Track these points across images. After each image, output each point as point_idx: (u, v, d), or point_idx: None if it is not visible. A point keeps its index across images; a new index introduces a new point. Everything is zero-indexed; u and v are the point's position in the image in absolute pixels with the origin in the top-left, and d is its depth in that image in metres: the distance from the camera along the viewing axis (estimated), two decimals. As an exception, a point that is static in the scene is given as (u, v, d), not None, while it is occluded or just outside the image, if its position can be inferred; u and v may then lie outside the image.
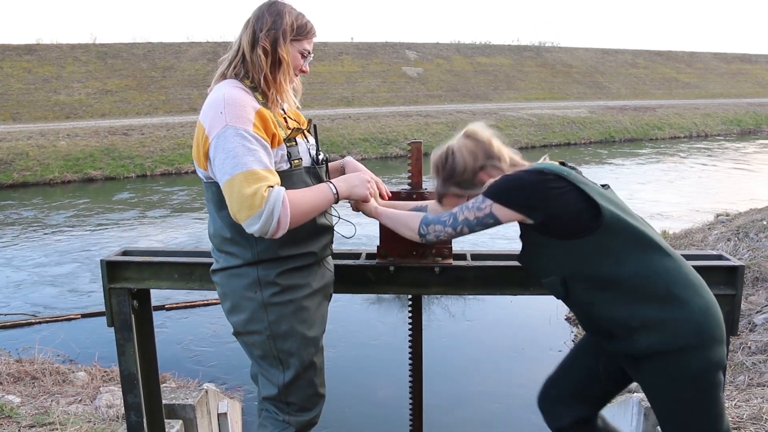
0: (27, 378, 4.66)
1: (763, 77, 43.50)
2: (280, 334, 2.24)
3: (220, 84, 2.26)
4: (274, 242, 2.18)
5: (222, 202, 2.16)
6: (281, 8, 2.26)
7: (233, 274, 2.25)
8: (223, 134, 2.09)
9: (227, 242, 2.25)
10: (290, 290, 2.24)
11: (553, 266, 2.11)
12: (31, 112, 23.61)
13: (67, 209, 13.89)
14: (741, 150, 23.79)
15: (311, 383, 2.34)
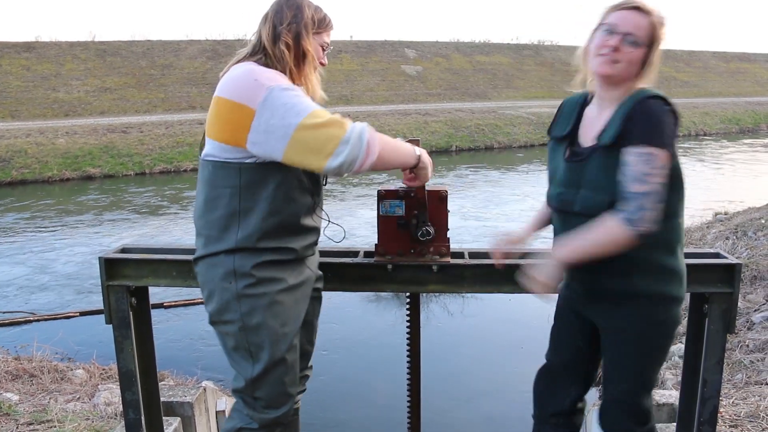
0: (25, 376, 4.66)
1: (762, 76, 43.51)
2: (251, 327, 2.23)
3: (243, 64, 2.22)
4: (254, 232, 2.17)
5: (227, 187, 2.16)
6: (300, 2, 2.26)
7: (211, 263, 2.24)
8: (269, 96, 2.06)
9: (209, 228, 2.22)
10: (265, 283, 2.21)
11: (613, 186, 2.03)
12: (30, 109, 23.59)
13: (66, 207, 13.89)
14: (740, 149, 23.81)
15: (280, 381, 2.32)
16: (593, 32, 2.13)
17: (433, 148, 22.36)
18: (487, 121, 24.76)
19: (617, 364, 2.25)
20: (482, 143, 23.43)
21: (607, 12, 2.10)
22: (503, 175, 18.01)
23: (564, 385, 2.49)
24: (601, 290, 2.19)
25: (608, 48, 2.04)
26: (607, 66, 2.05)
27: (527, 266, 2.13)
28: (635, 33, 2.03)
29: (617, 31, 2.04)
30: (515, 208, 13.09)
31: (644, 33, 2.03)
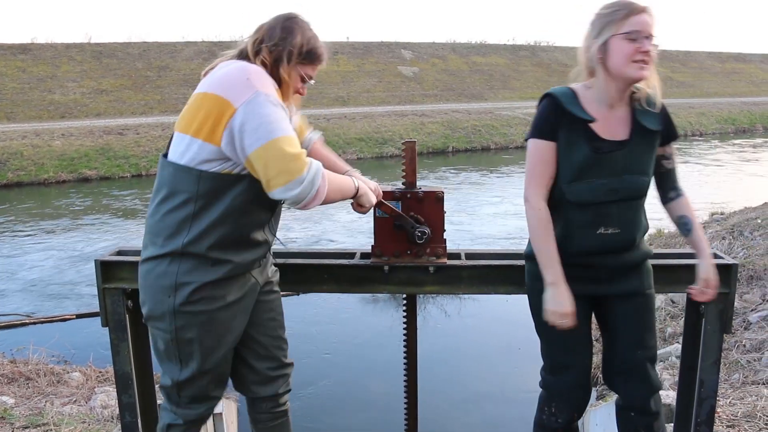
0: (21, 379, 4.65)
1: (757, 76, 43.60)
2: (184, 340, 2.23)
3: (232, 61, 2.22)
4: (202, 239, 2.15)
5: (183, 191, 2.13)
6: (295, 26, 2.22)
7: (154, 271, 2.21)
8: (255, 100, 2.04)
9: (161, 229, 2.19)
10: (203, 301, 2.20)
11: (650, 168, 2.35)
12: (26, 111, 23.55)
13: (62, 209, 13.86)
14: (736, 149, 23.86)
15: (205, 387, 2.35)
16: (605, 39, 2.20)
17: (430, 149, 22.37)
18: (483, 122, 24.78)
19: (647, 322, 2.45)
20: (479, 144, 23.44)
21: (620, 18, 2.18)
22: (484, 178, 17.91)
23: (590, 381, 2.56)
24: (632, 260, 2.39)
25: (643, 55, 2.17)
26: (645, 71, 2.19)
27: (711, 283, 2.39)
28: (653, 32, 2.19)
29: (643, 36, 2.17)
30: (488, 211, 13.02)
31: (654, 28, 2.20)
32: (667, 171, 2.42)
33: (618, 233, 2.31)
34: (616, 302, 2.42)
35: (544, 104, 2.34)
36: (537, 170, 2.32)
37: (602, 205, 2.28)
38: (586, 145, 2.26)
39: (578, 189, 2.28)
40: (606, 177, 2.26)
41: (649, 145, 2.31)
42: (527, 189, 2.34)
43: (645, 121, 2.29)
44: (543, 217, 2.31)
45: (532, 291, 2.51)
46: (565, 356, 2.50)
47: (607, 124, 2.29)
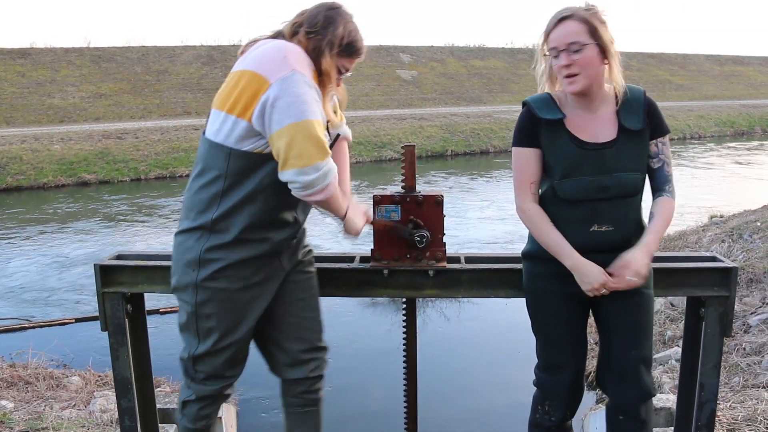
0: (20, 383, 4.64)
1: (755, 79, 43.64)
2: (203, 315, 2.28)
3: (271, 39, 2.21)
4: (230, 216, 2.18)
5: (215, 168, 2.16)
6: (337, 16, 2.21)
7: (183, 244, 2.26)
8: (291, 77, 2.05)
9: (194, 204, 2.23)
10: (225, 279, 2.23)
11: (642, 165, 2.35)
12: (25, 115, 23.55)
13: (61, 213, 13.85)
14: (735, 151, 23.87)
15: (219, 364, 2.39)
16: (543, 58, 2.32)
17: (429, 152, 22.37)
18: (482, 126, 24.78)
19: (642, 323, 2.44)
20: (478, 147, 23.45)
21: (544, 39, 2.27)
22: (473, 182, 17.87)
23: (583, 383, 2.60)
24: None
25: (564, 69, 2.21)
26: (574, 85, 2.23)
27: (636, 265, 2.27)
28: (574, 40, 2.17)
29: (560, 50, 2.20)
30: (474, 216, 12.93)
31: (583, 33, 2.18)
32: (653, 170, 2.38)
33: (612, 231, 2.32)
34: (611, 301, 2.42)
35: (521, 113, 2.42)
36: (521, 177, 2.38)
37: (594, 202, 2.30)
38: (570, 143, 2.30)
39: (568, 186, 2.31)
40: (595, 174, 2.29)
41: (636, 143, 2.31)
42: (516, 196, 2.41)
43: (627, 122, 2.30)
44: (536, 214, 2.37)
45: (528, 290, 2.55)
46: (560, 356, 2.53)
47: (588, 128, 2.32)
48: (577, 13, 2.21)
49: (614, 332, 2.47)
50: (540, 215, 2.36)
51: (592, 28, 2.19)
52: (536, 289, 2.51)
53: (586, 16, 2.20)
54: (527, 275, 2.54)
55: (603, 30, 2.21)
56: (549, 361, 2.58)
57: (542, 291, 2.50)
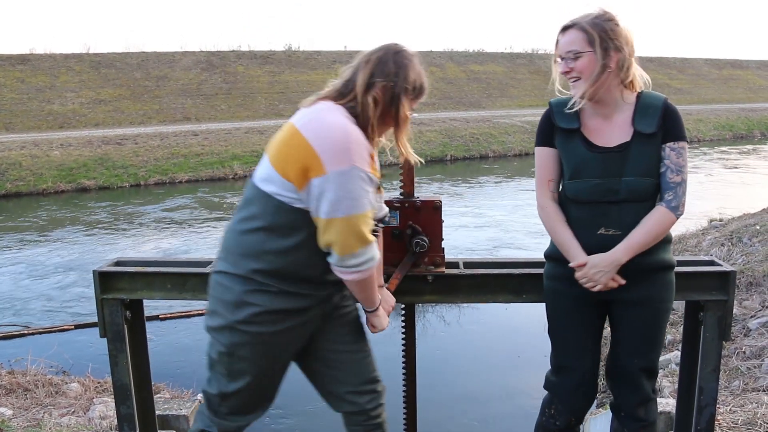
0: (19, 390, 4.63)
1: (754, 82, 43.70)
2: (237, 356, 2.23)
3: (336, 110, 2.17)
4: (270, 270, 2.15)
5: (261, 217, 2.14)
6: (407, 62, 2.21)
7: (222, 284, 2.23)
8: (349, 173, 2.05)
9: (234, 247, 2.21)
10: (263, 324, 2.19)
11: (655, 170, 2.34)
12: (25, 121, 23.56)
13: (60, 219, 13.85)
14: (734, 155, 23.89)
15: (247, 403, 2.35)
16: (554, 64, 2.40)
17: (428, 157, 22.37)
18: (481, 130, 24.80)
19: (650, 335, 2.45)
20: (477, 152, 23.46)
21: (556, 45, 2.36)
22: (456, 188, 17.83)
23: (595, 386, 2.59)
24: (641, 266, 2.36)
25: (566, 75, 2.33)
26: (576, 89, 2.32)
27: (590, 270, 2.32)
28: (571, 48, 2.27)
29: (562, 57, 2.32)
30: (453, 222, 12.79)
31: (579, 42, 2.27)
32: (660, 174, 2.36)
33: (619, 235, 2.33)
34: (622, 308, 2.46)
35: (543, 114, 2.48)
36: (539, 174, 2.45)
37: (601, 204, 2.33)
38: (581, 145, 2.35)
39: (575, 186, 2.35)
40: (604, 177, 2.32)
41: (649, 148, 2.32)
42: (536, 194, 2.47)
43: (641, 125, 2.33)
44: (552, 211, 2.42)
45: (545, 291, 2.58)
46: (568, 358, 2.56)
47: (603, 132, 2.36)
48: (580, 22, 2.29)
49: (622, 340, 2.50)
50: (555, 212, 2.42)
51: (590, 38, 2.25)
52: (551, 291, 2.55)
53: (586, 25, 2.27)
54: (545, 277, 2.58)
55: (606, 38, 2.26)
56: (557, 362, 2.60)
57: (556, 293, 2.53)
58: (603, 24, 2.28)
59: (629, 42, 2.32)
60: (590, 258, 2.32)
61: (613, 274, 2.32)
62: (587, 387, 2.55)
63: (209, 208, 14.81)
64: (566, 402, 2.57)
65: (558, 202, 2.45)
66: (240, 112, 26.55)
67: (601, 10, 2.32)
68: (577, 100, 2.34)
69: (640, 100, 2.37)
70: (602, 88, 2.30)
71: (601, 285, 2.32)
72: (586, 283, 2.34)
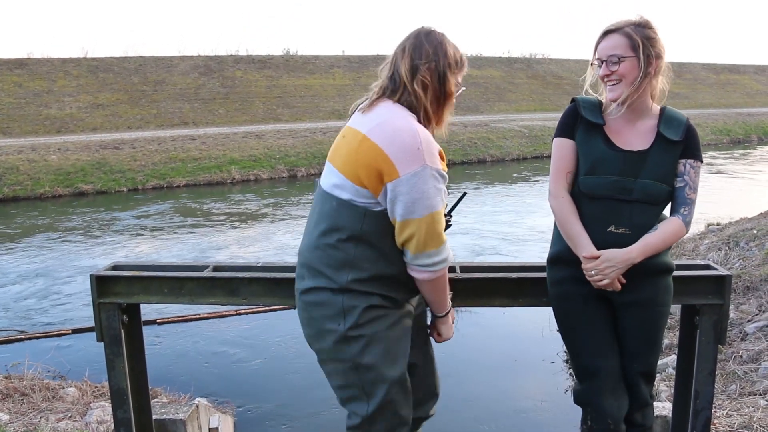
0: (16, 395, 4.63)
1: (751, 87, 43.80)
2: (363, 366, 2.20)
3: (398, 110, 2.17)
4: (366, 278, 2.16)
5: (348, 227, 2.14)
6: (441, 38, 2.23)
7: (317, 301, 2.21)
8: (422, 174, 2.06)
9: (321, 262, 2.20)
10: (372, 323, 2.19)
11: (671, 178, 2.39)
12: (22, 126, 23.55)
13: (58, 224, 13.84)
14: (731, 159, 23.94)
15: (396, 413, 2.29)
16: (591, 67, 2.44)
17: (426, 161, 22.37)
18: (479, 135, 24.82)
19: (649, 338, 2.48)
20: (475, 157, 23.49)
21: (595, 47, 2.40)
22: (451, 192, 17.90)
23: (623, 385, 2.55)
24: (645, 268, 2.38)
25: (605, 77, 2.36)
26: (613, 92, 2.36)
27: (602, 264, 2.33)
28: (614, 53, 2.31)
29: (602, 60, 2.35)
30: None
31: (623, 47, 2.31)
32: (675, 189, 2.41)
33: (628, 235, 2.36)
34: (622, 310, 2.48)
35: (567, 108, 2.51)
36: (557, 164, 2.47)
37: (614, 201, 2.36)
38: (603, 143, 2.39)
39: (590, 181, 2.38)
40: (620, 175, 2.35)
41: (669, 156, 2.38)
42: (551, 183, 2.49)
43: (667, 132, 2.39)
44: (567, 202, 2.44)
45: (552, 297, 2.59)
46: (590, 359, 2.52)
47: (626, 135, 2.41)
48: (623, 27, 2.34)
49: (622, 342, 2.51)
50: (569, 204, 2.44)
51: (634, 43, 2.31)
52: (560, 296, 2.55)
53: (630, 31, 2.33)
54: (550, 283, 2.59)
55: (647, 45, 2.33)
56: (580, 368, 2.57)
57: (566, 296, 2.53)
58: (645, 31, 2.34)
59: (664, 51, 2.41)
60: (604, 252, 2.34)
61: (622, 272, 2.34)
62: (617, 385, 2.50)
63: (188, 215, 14.81)
64: (601, 406, 2.50)
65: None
66: (238, 117, 26.56)
67: (641, 17, 2.37)
68: (614, 105, 2.38)
69: (665, 113, 2.46)
70: (638, 94, 2.37)
71: (609, 280, 2.33)
72: (594, 276, 2.35)
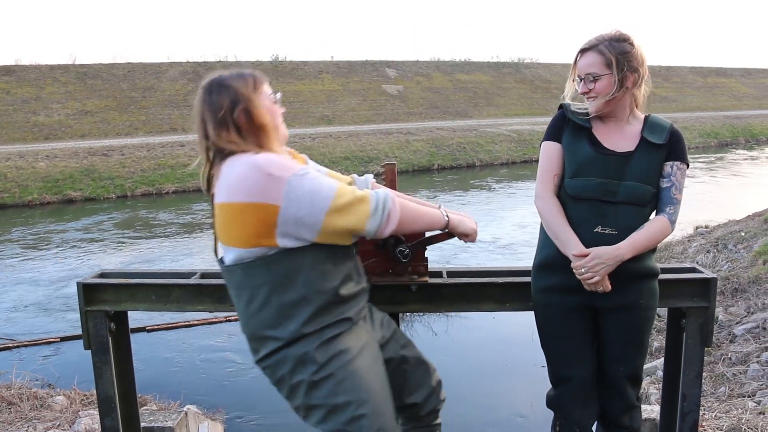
0: (3, 404, 4.59)
1: (738, 90, 44.10)
2: (340, 406, 2.12)
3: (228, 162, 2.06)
4: (306, 318, 2.09)
5: (253, 289, 2.08)
6: (225, 82, 2.12)
7: (276, 362, 2.15)
8: (290, 188, 1.97)
9: (261, 328, 2.14)
10: (334, 360, 2.12)
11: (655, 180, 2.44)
12: (10, 133, 23.43)
13: (45, 231, 13.78)
14: (719, 162, 24.08)
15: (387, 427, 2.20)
16: (571, 83, 2.50)
17: (415, 166, 22.44)
18: (468, 139, 24.88)
19: (635, 341, 2.51)
20: (464, 161, 23.53)
21: (574, 65, 2.47)
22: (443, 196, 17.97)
23: (593, 395, 2.59)
24: (631, 270, 2.42)
25: (585, 94, 2.43)
26: (593, 107, 2.43)
27: (592, 261, 2.35)
28: (591, 71, 2.38)
29: (581, 78, 2.42)
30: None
31: (598, 65, 2.38)
32: (661, 189, 2.45)
33: (615, 235, 2.39)
34: (608, 314, 2.50)
35: (556, 114, 2.57)
36: (544, 167, 2.51)
37: (600, 203, 2.40)
38: (588, 146, 2.43)
39: (576, 183, 2.42)
40: (605, 177, 2.39)
41: (653, 158, 2.42)
42: (537, 185, 2.53)
43: (650, 136, 2.44)
44: (554, 204, 2.47)
45: (534, 303, 2.62)
46: (564, 368, 2.58)
47: (611, 138, 2.46)
48: (598, 45, 2.39)
49: (607, 346, 2.53)
50: (556, 205, 2.47)
51: (608, 61, 2.36)
52: (540, 303, 2.58)
53: (604, 48, 2.38)
54: (534, 289, 2.61)
55: (621, 61, 2.37)
56: (554, 375, 2.62)
57: (548, 305, 2.55)
58: (620, 46, 2.38)
59: (644, 62, 2.43)
60: (594, 249, 2.36)
61: (612, 269, 2.36)
62: (587, 394, 2.56)
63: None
64: (569, 413, 2.58)
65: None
66: (227, 123, 26.46)
67: (617, 31, 2.41)
68: (591, 111, 2.45)
69: (648, 120, 2.50)
70: (616, 104, 2.42)
71: (599, 277, 2.35)
72: (584, 274, 2.36)
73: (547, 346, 2.61)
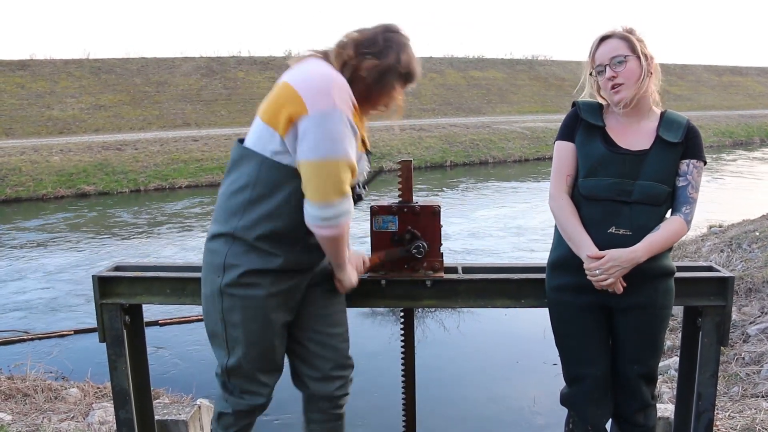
0: (18, 395, 4.63)
1: (754, 89, 43.76)
2: (230, 323, 2.26)
3: (322, 62, 2.19)
4: (253, 226, 2.17)
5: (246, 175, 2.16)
6: (403, 42, 2.25)
7: (211, 248, 2.27)
8: (331, 114, 2.05)
9: (222, 209, 2.25)
10: (248, 286, 2.22)
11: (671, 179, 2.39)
12: (24, 127, 23.59)
13: (60, 224, 13.85)
14: (733, 161, 23.91)
15: (253, 375, 2.36)
16: (590, 77, 2.45)
17: (428, 163, 22.42)
18: (481, 136, 24.83)
19: (650, 341, 2.49)
20: (477, 158, 23.49)
21: (590, 61, 2.43)
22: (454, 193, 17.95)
23: (607, 394, 2.58)
24: (646, 270, 2.38)
25: (610, 81, 2.36)
26: (619, 94, 2.36)
27: (607, 263, 2.32)
28: (617, 54, 2.34)
29: (604, 64, 2.36)
30: None
31: (623, 48, 2.34)
32: (677, 188, 2.41)
33: (629, 236, 2.36)
34: (622, 314, 2.48)
35: (569, 112, 2.54)
36: (558, 167, 2.49)
37: (614, 203, 2.37)
38: (602, 145, 2.40)
39: (590, 184, 2.39)
40: (619, 177, 2.36)
41: (669, 157, 2.38)
42: (551, 185, 2.50)
43: (666, 134, 2.39)
44: (567, 204, 2.45)
45: (550, 303, 2.60)
46: (578, 367, 2.57)
47: (626, 135, 2.42)
48: (618, 32, 2.38)
49: (622, 346, 2.52)
50: (569, 206, 2.44)
51: (631, 45, 2.34)
52: (554, 302, 2.57)
53: (625, 34, 2.37)
54: (548, 288, 2.60)
55: (642, 47, 2.36)
56: (569, 373, 2.61)
57: (562, 304, 2.54)
58: (636, 34, 2.39)
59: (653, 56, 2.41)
60: (609, 251, 2.33)
61: (627, 272, 2.33)
62: (601, 393, 2.55)
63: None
64: (582, 412, 2.57)
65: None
66: (240, 118, 26.56)
67: (627, 27, 2.41)
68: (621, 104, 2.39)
69: (665, 116, 2.45)
70: (640, 94, 2.38)
71: (613, 280, 2.32)
72: (598, 276, 2.34)
73: (561, 345, 2.61)
